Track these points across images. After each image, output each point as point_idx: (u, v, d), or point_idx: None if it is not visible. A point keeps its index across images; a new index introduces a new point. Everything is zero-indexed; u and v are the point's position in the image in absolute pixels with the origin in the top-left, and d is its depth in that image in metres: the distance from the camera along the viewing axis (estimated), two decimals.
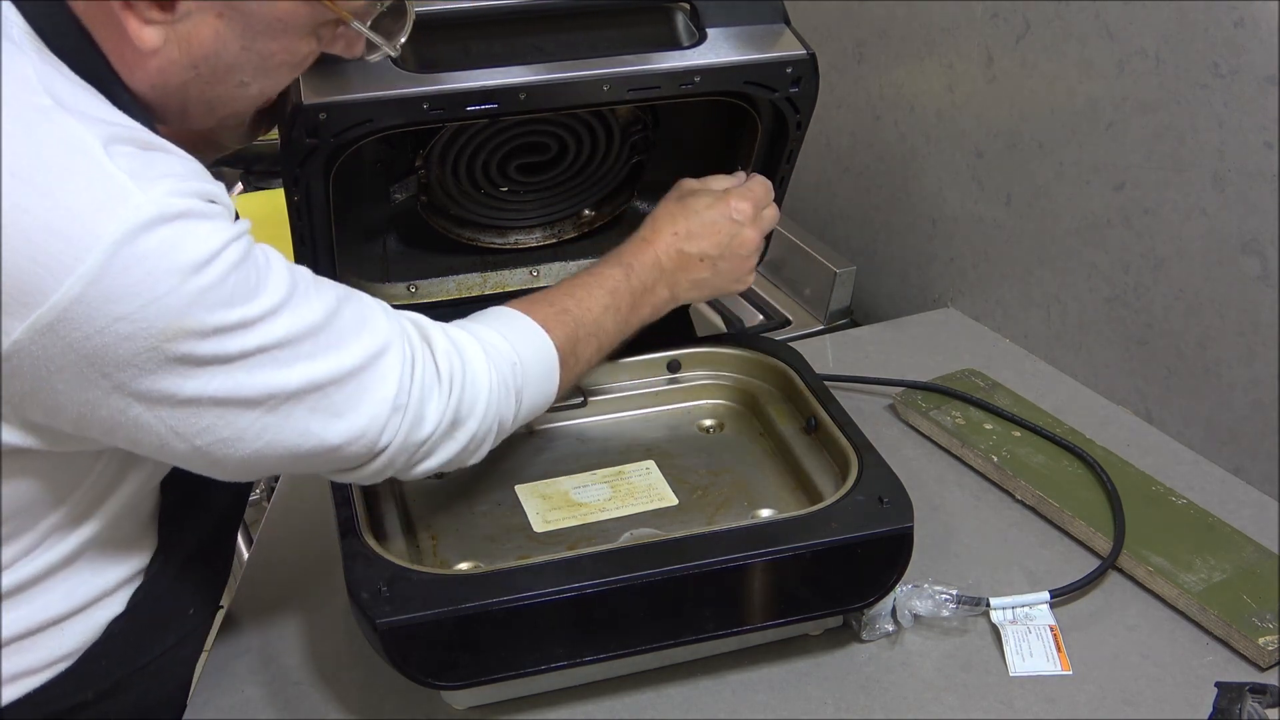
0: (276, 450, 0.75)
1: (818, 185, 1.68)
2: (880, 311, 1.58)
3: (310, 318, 0.74)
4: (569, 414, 1.13)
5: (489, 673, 0.87)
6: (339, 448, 0.78)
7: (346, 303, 0.78)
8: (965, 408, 1.25)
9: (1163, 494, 1.13)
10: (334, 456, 0.78)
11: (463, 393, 0.83)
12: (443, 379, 0.82)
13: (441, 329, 0.85)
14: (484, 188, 1.10)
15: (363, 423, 0.77)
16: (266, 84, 0.80)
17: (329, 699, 0.95)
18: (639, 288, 0.99)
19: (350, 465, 0.81)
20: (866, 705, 0.93)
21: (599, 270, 0.99)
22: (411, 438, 0.81)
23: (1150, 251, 1.21)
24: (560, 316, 0.93)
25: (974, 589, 1.02)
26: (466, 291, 1.16)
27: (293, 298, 0.73)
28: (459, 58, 0.94)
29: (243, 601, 1.05)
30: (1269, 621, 0.97)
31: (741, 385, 1.16)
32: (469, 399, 0.84)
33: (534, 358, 0.90)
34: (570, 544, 0.98)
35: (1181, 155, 1.15)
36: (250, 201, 1.71)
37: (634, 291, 0.99)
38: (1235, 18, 1.06)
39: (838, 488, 0.97)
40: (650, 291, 1.00)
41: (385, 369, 0.78)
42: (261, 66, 0.77)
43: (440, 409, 0.82)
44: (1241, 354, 1.14)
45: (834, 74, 1.57)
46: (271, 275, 0.72)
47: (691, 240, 1.02)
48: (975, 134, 1.38)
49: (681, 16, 0.98)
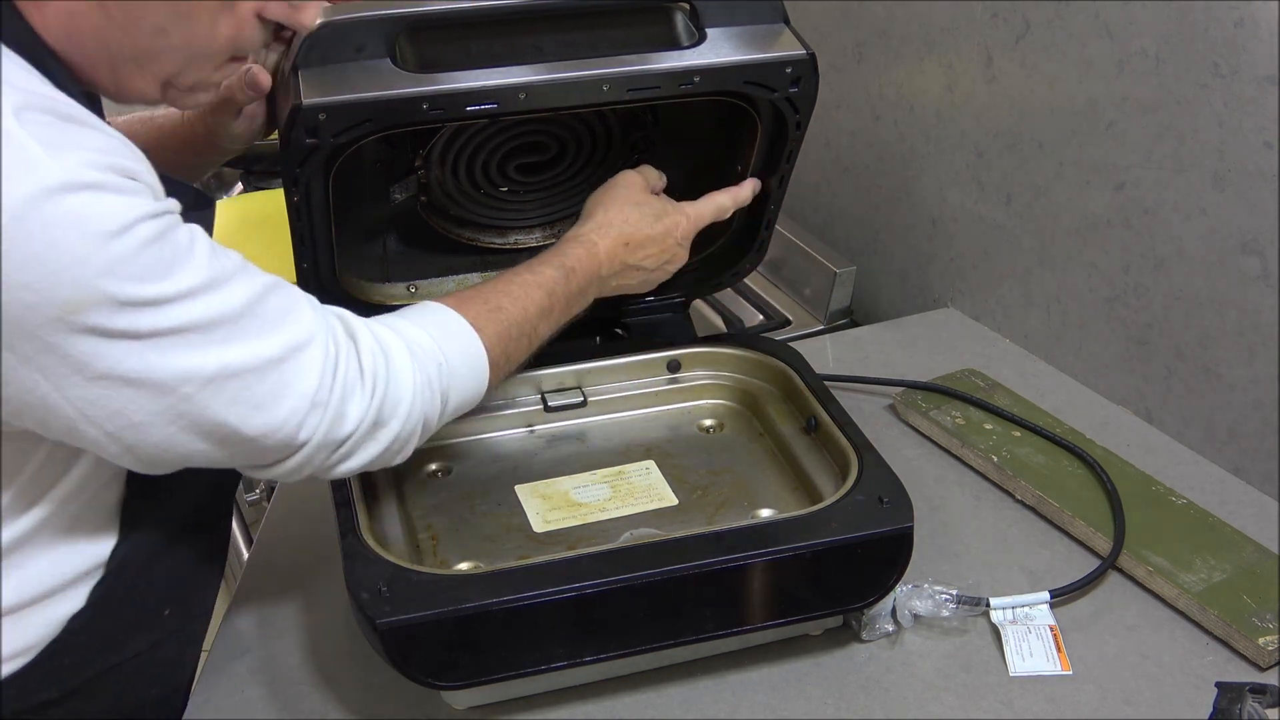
0: (191, 439, 0.73)
1: (818, 185, 1.68)
2: (880, 311, 1.58)
3: (230, 303, 0.72)
4: (569, 414, 1.13)
5: (489, 673, 0.87)
6: (255, 440, 0.75)
7: (272, 293, 0.76)
8: (965, 408, 1.25)
9: (1163, 494, 1.13)
10: (251, 449, 0.76)
11: (386, 392, 0.82)
12: (366, 378, 0.80)
13: (368, 326, 0.84)
14: (484, 188, 1.10)
15: (281, 416, 0.75)
16: (189, 33, 0.76)
17: (329, 699, 0.95)
18: (575, 292, 0.99)
19: (267, 460, 0.79)
20: (866, 705, 0.93)
21: (538, 269, 0.97)
22: (331, 435, 0.79)
23: (1150, 251, 1.21)
24: (493, 315, 0.91)
25: (974, 589, 1.02)
26: None
27: (214, 282, 0.71)
28: (459, 58, 0.94)
29: (243, 601, 1.05)
30: (1269, 621, 0.97)
31: (741, 385, 1.16)
32: (392, 399, 0.82)
33: (462, 358, 0.88)
34: (570, 544, 0.98)
35: (1181, 155, 1.15)
36: (250, 201, 1.71)
37: (570, 295, 0.98)
38: (1235, 18, 1.06)
39: (838, 488, 0.97)
40: (584, 295, 1.01)
41: (306, 363, 0.76)
42: (175, 10, 0.74)
43: (362, 408, 0.80)
44: (1241, 354, 1.14)
45: (834, 74, 1.57)
46: (193, 257, 0.70)
47: (637, 251, 1.03)
48: (975, 134, 1.38)
49: (681, 16, 0.98)
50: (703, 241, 1.19)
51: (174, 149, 1.01)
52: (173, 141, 1.02)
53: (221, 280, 0.72)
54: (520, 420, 1.12)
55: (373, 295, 1.12)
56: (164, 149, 1.00)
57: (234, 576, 1.23)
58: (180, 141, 1.01)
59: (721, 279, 1.20)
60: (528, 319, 0.94)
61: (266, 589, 1.06)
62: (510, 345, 0.92)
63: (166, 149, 1.00)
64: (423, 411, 0.85)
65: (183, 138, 1.01)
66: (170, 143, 1.01)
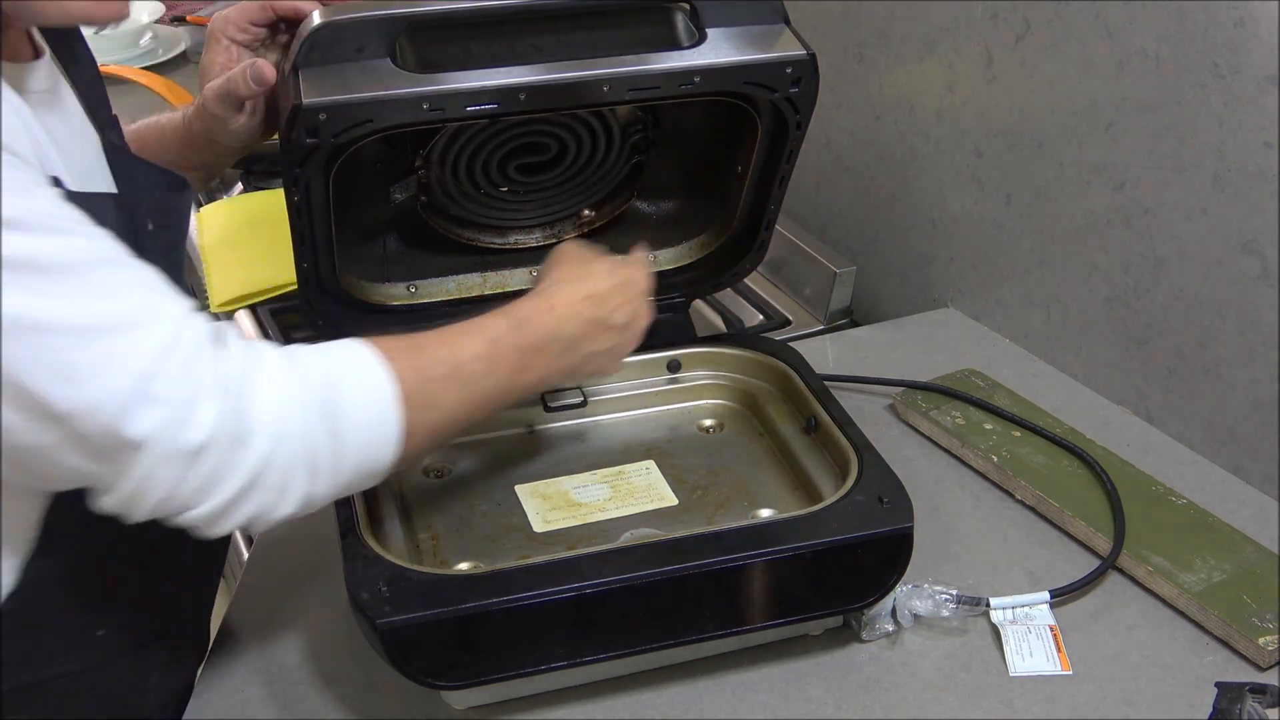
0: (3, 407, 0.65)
1: (818, 185, 1.68)
2: (880, 311, 1.58)
3: (57, 253, 0.66)
4: (569, 414, 1.13)
5: (489, 673, 0.87)
6: (69, 420, 0.66)
7: (121, 269, 0.69)
8: (965, 408, 1.25)
9: (1163, 494, 1.13)
10: (73, 438, 0.67)
11: (249, 403, 0.71)
12: (220, 382, 0.70)
13: (250, 342, 0.74)
14: (484, 188, 1.10)
15: (96, 394, 0.66)
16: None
17: (329, 699, 0.95)
18: (529, 346, 0.88)
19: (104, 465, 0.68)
20: (866, 705, 0.93)
21: (482, 318, 0.88)
22: (177, 441, 0.68)
23: (1150, 251, 1.21)
24: (412, 350, 0.81)
25: (974, 589, 1.02)
26: (466, 291, 1.16)
27: (42, 226, 0.65)
28: (459, 58, 0.94)
29: (243, 601, 1.05)
30: (1269, 621, 0.97)
31: (741, 385, 1.16)
32: (256, 411, 0.71)
33: (360, 385, 0.77)
34: (570, 544, 0.98)
35: (1181, 155, 1.15)
36: (250, 201, 1.71)
37: (521, 350, 0.87)
38: (1235, 18, 1.06)
39: (838, 488, 0.97)
40: (542, 353, 0.89)
41: (137, 343, 0.67)
42: None
43: (214, 414, 0.69)
44: (1241, 354, 1.14)
45: (834, 74, 1.57)
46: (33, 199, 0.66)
47: (603, 305, 0.93)
48: (975, 134, 1.38)
49: (681, 17, 0.98)
50: (703, 241, 1.19)
51: (174, 148, 1.01)
52: (172, 141, 1.01)
53: (52, 227, 0.66)
54: (520, 420, 1.12)
55: (373, 295, 1.12)
56: (165, 149, 1.00)
57: (234, 576, 1.23)
58: (179, 140, 1.01)
59: (721, 279, 1.20)
60: (458, 360, 0.83)
61: (266, 589, 1.06)
62: (433, 385, 0.81)
63: (168, 149, 1.00)
64: (302, 436, 0.73)
65: (181, 136, 1.01)
66: (170, 142, 1.01)
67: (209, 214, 1.66)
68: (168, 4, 2.39)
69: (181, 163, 0.99)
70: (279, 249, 1.23)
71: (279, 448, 0.72)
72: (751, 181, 1.11)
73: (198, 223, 1.65)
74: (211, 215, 1.65)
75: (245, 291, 1.47)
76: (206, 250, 1.58)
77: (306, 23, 0.91)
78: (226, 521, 0.73)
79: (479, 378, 0.84)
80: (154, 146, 1.01)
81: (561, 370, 0.92)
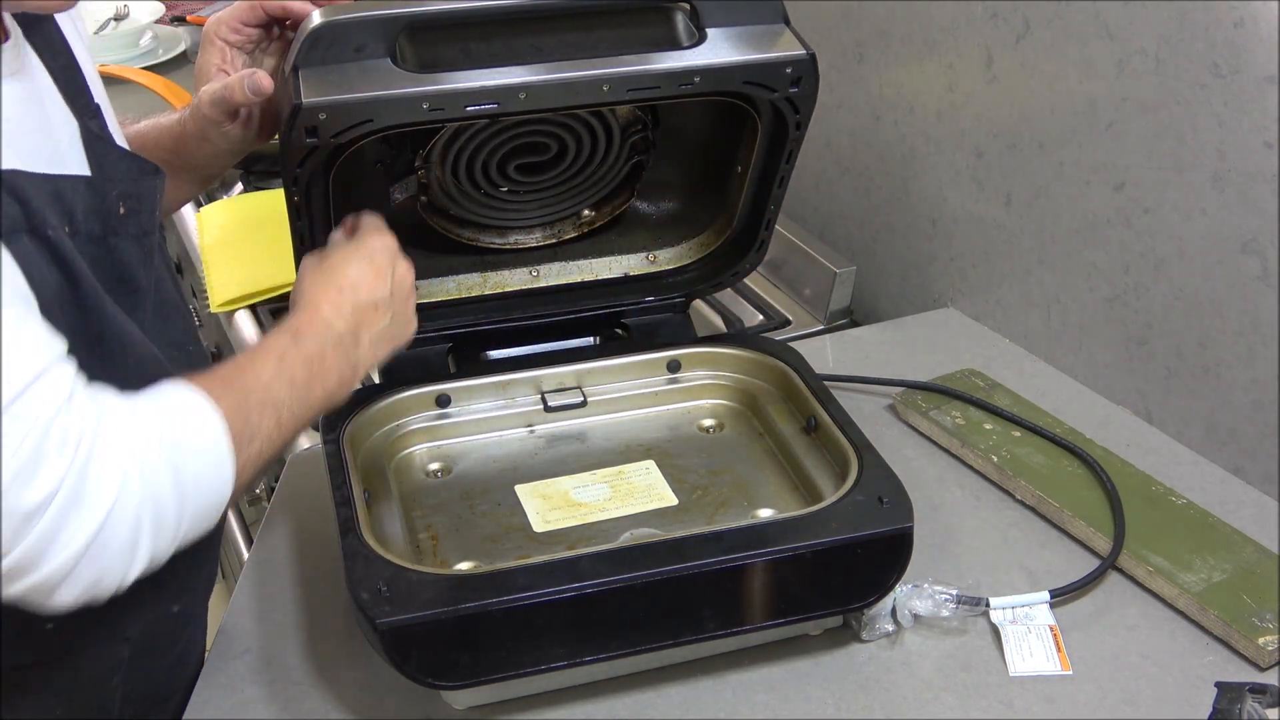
0: None
1: (818, 185, 1.68)
2: (880, 311, 1.58)
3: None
4: (569, 414, 1.13)
5: (489, 673, 0.87)
6: None
7: None
8: (965, 408, 1.25)
9: (1163, 494, 1.13)
10: None
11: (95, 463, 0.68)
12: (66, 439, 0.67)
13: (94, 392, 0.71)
14: (484, 188, 1.10)
15: None
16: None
17: (329, 699, 0.95)
18: (312, 355, 0.86)
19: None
20: (866, 705, 0.93)
21: (265, 340, 0.87)
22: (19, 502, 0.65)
23: (1150, 251, 1.21)
24: (227, 387, 0.79)
25: (974, 589, 1.02)
26: (466, 291, 1.16)
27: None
28: (459, 58, 0.94)
29: (243, 601, 1.05)
30: (1269, 621, 0.97)
31: (741, 385, 1.16)
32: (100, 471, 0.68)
33: (197, 433, 0.75)
34: (570, 544, 0.98)
35: (1181, 155, 1.15)
36: (250, 201, 1.71)
37: (308, 360, 0.85)
38: (1235, 18, 1.06)
39: (838, 488, 0.97)
40: (326, 357, 0.87)
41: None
42: None
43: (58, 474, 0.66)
44: (1241, 354, 1.14)
45: (834, 74, 1.57)
46: None
47: (360, 289, 0.91)
48: (975, 134, 1.38)
49: (681, 16, 0.98)
50: (703, 241, 1.19)
51: (170, 147, 1.00)
52: (168, 140, 1.01)
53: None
54: (520, 420, 1.12)
55: None
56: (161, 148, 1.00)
57: (234, 576, 1.23)
58: (174, 139, 1.01)
59: (721, 279, 1.20)
60: (263, 386, 0.81)
61: (266, 589, 1.06)
62: (252, 415, 0.79)
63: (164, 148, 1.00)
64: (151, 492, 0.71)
65: (176, 135, 1.01)
66: (166, 141, 1.01)
67: (209, 214, 1.66)
68: (168, 4, 2.39)
69: (175, 162, 0.99)
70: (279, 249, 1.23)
71: (123, 508, 0.69)
72: (751, 181, 1.11)
73: (198, 223, 1.65)
74: (211, 215, 1.65)
75: (245, 291, 1.47)
76: (206, 250, 1.58)
77: (306, 22, 0.91)
78: (69, 589, 0.68)
79: (281, 397, 0.82)
80: (153, 146, 1.01)
81: (357, 364, 0.90)
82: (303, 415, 0.85)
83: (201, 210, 1.67)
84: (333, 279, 0.91)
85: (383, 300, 0.92)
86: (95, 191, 0.80)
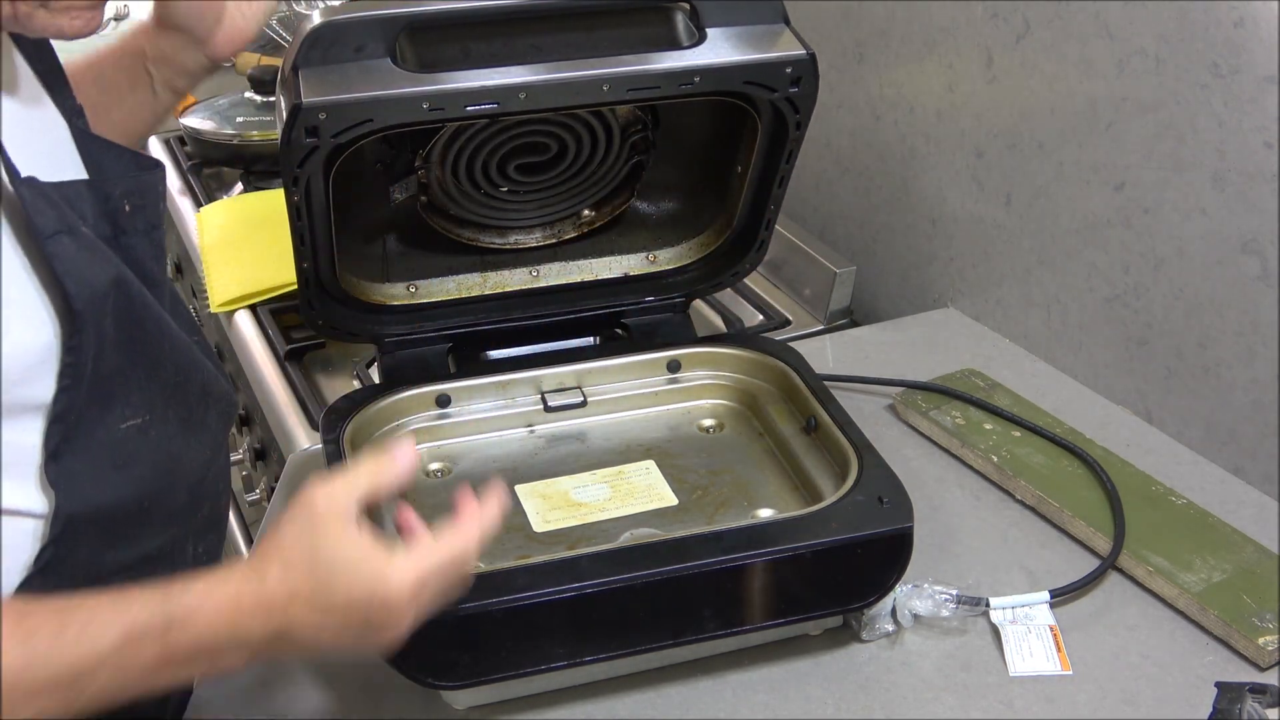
0: None
1: (818, 185, 1.68)
2: (880, 311, 1.58)
3: None
4: (569, 414, 1.13)
5: (489, 673, 0.87)
6: None
7: None
8: (965, 408, 1.25)
9: (1163, 494, 1.13)
10: None
11: None
12: None
13: None
14: (484, 188, 1.10)
15: None
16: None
17: (329, 699, 0.95)
18: (201, 650, 0.68)
19: None
20: (866, 705, 0.93)
21: (127, 601, 0.67)
22: None
23: (1150, 251, 1.21)
24: (28, 636, 0.64)
25: (974, 589, 1.02)
26: (466, 291, 1.16)
27: None
28: (459, 58, 0.94)
29: None
30: (1269, 621, 0.97)
31: (741, 385, 1.16)
32: None
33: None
34: (570, 544, 0.98)
35: (1181, 155, 1.15)
36: (250, 201, 1.71)
37: (190, 652, 0.68)
38: (1235, 18, 1.06)
39: (838, 488, 0.97)
40: (213, 656, 0.70)
41: None
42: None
43: None
44: (1241, 354, 1.14)
45: (834, 74, 1.57)
46: None
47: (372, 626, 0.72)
48: (975, 134, 1.38)
49: (681, 16, 0.98)
50: (703, 241, 1.19)
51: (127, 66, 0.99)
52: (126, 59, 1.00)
53: None
54: (520, 420, 1.12)
55: (373, 295, 1.12)
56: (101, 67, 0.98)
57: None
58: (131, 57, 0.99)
59: (721, 279, 1.20)
60: (68, 663, 0.65)
61: None
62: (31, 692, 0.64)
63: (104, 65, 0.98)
64: None
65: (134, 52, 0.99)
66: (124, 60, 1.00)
67: (209, 214, 1.66)
68: None
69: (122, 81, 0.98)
70: (279, 249, 1.23)
71: None
72: (751, 181, 1.11)
73: (198, 223, 1.65)
74: (211, 215, 1.65)
75: (245, 292, 1.47)
76: (206, 250, 1.58)
77: (306, 22, 0.91)
78: None
79: (90, 687, 0.65)
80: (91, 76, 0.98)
81: (248, 659, 0.71)
82: (128, 693, 0.68)
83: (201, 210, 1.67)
84: (311, 574, 0.70)
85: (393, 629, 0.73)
86: (98, 193, 0.80)
